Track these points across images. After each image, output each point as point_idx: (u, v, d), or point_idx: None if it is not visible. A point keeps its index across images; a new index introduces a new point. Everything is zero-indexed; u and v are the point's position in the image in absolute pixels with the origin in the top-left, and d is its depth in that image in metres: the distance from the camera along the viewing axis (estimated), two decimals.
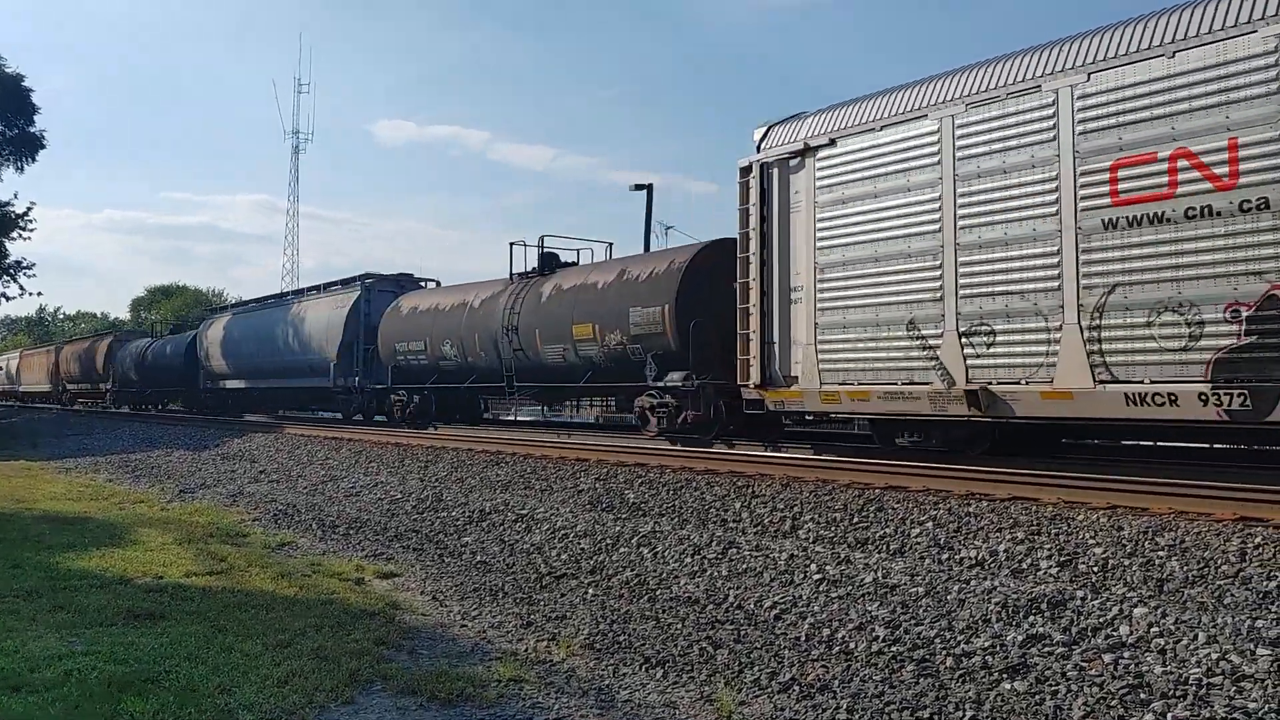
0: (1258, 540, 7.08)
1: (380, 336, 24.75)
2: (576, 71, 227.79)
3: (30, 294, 52.69)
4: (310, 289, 31.07)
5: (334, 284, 29.39)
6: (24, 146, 36.53)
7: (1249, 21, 9.09)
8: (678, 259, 16.40)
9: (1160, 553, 7.21)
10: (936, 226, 11.44)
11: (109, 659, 6.37)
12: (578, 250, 21.22)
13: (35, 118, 36.56)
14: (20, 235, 38.26)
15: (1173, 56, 9.55)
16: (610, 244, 21.07)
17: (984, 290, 11.02)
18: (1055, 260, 10.35)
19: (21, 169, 36.90)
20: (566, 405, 25.33)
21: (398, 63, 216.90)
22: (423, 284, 27.57)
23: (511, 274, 21.07)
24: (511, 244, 21.08)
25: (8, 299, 41.62)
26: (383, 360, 24.74)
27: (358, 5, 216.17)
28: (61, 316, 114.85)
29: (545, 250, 20.74)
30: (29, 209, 38.49)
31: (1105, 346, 9.95)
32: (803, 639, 6.85)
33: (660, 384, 15.97)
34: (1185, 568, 6.91)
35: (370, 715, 5.67)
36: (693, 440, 15.43)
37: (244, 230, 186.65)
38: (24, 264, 39.31)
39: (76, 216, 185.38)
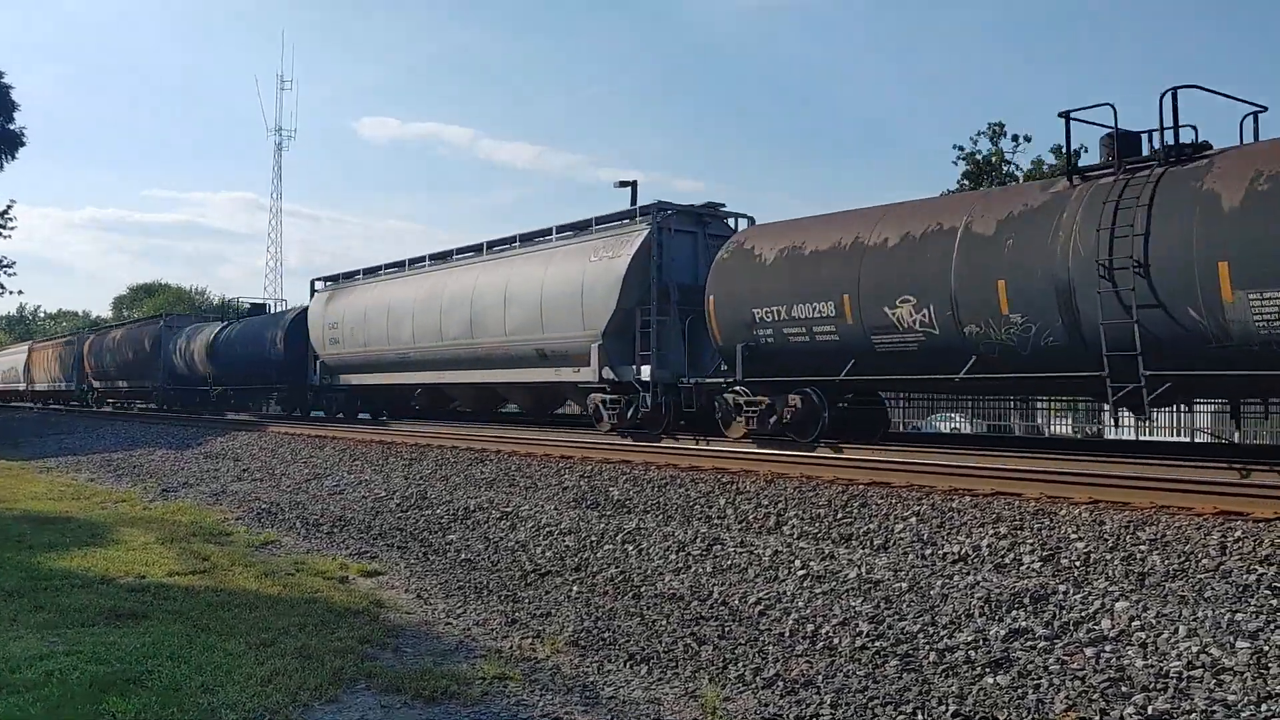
0: (1238, 534, 7.14)
1: (713, 300, 15.00)
2: (560, 69, 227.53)
3: (11, 292, 52.16)
4: (534, 235, 20.12)
5: (583, 224, 18.94)
6: (4, 144, 36.31)
7: None
8: None
9: (1141, 547, 7.26)
10: None
11: (91, 659, 6.33)
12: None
13: (15, 115, 36.36)
14: (0, 233, 38.12)
15: None
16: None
17: None
18: None
19: (1, 166, 36.69)
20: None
21: (382, 59, 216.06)
22: (730, 221, 17.80)
23: (1070, 172, 11.31)
24: (1066, 115, 11.22)
25: None
26: (718, 338, 15.07)
27: (342, 3, 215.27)
28: (42, 315, 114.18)
29: (1171, 125, 10.36)
30: (9, 207, 38.50)
31: None
32: (787, 635, 6.87)
33: None
34: (1166, 562, 6.96)
35: (354, 714, 5.65)
36: None
37: (226, 228, 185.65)
38: (4, 262, 39.19)
39: (57, 215, 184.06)
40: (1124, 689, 5.29)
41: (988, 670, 5.80)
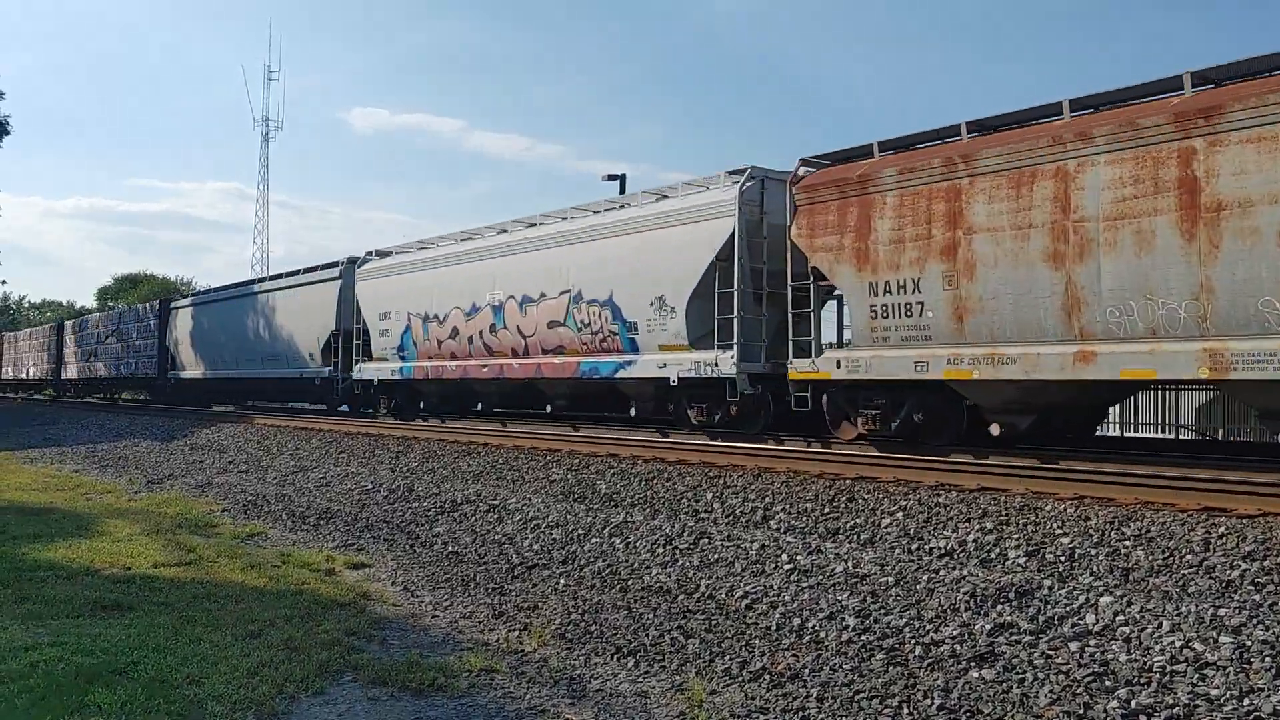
0: (1221, 530, 7.19)
1: None
2: (549, 60, 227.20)
3: None
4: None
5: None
6: None
7: None
8: None
9: (1126, 542, 7.30)
10: None
11: (76, 650, 6.30)
12: None
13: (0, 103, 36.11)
14: None
15: None
16: None
17: None
18: None
19: None
20: None
21: (372, 48, 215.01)
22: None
23: None
24: None
25: None
26: None
27: None
28: (27, 305, 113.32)
29: None
30: None
31: None
32: (774, 628, 6.88)
33: None
34: (1150, 557, 7.01)
35: (340, 706, 5.64)
36: None
37: (212, 218, 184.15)
38: None
39: (40, 203, 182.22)
40: (1108, 683, 5.32)
41: (973, 664, 5.82)
